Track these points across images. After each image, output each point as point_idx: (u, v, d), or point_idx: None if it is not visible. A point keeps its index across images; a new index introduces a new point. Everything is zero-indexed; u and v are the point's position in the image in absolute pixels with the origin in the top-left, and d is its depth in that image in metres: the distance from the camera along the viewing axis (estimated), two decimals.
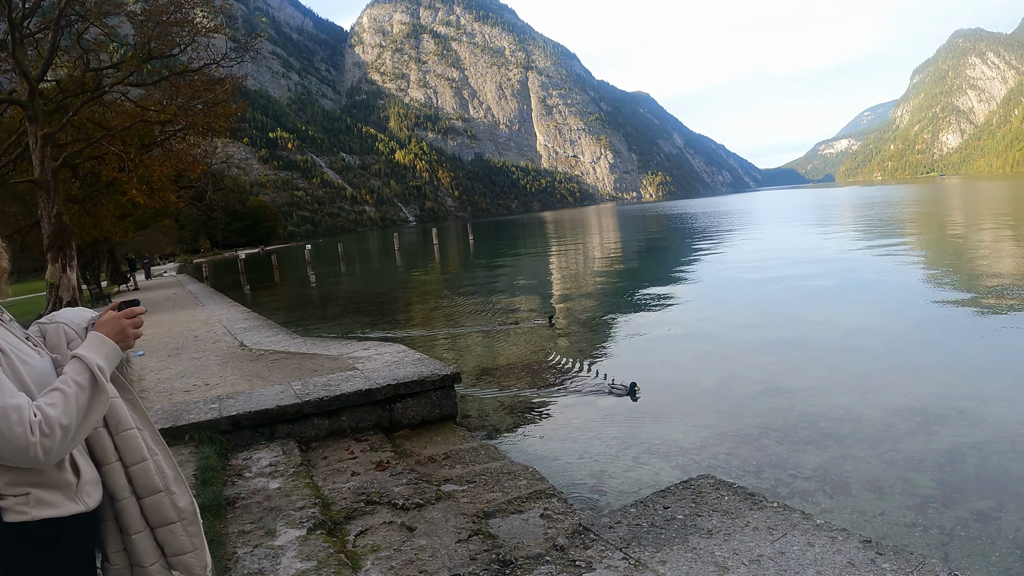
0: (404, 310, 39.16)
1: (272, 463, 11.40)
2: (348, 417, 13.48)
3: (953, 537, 10.52)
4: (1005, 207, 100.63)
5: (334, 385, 14.05)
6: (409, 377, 14.25)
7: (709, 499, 8.09)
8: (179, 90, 43.15)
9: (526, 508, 10.00)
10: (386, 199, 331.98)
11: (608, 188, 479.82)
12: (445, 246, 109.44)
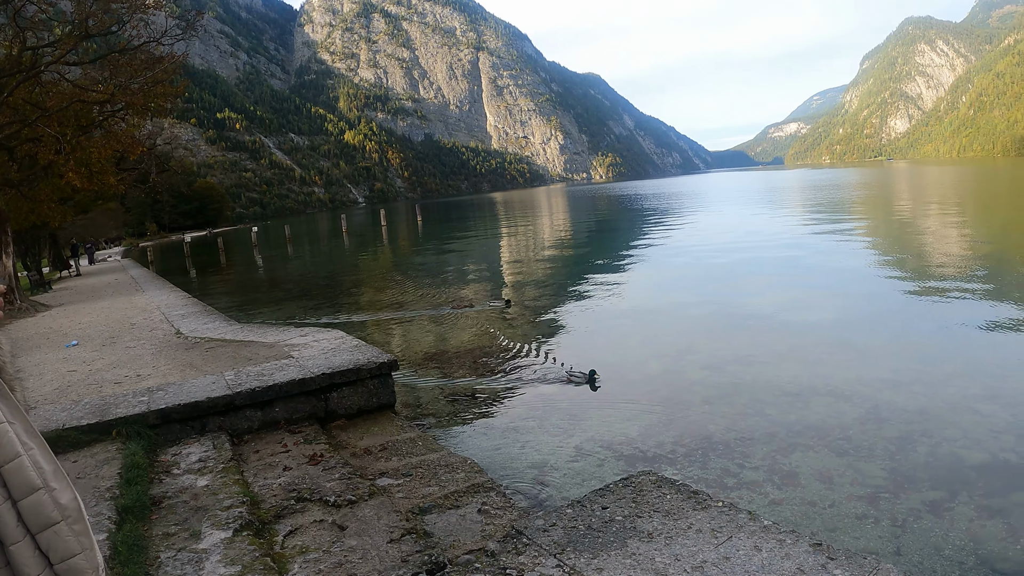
0: (351, 294, 38.43)
1: (201, 458, 10.81)
2: (282, 408, 12.87)
3: (905, 529, 10.18)
4: (950, 191, 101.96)
5: (267, 375, 13.43)
6: (345, 365, 13.67)
7: (650, 498, 7.58)
8: (118, 69, 41.88)
9: (463, 503, 9.58)
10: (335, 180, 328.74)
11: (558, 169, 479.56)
12: (394, 227, 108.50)
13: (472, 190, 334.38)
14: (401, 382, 18.39)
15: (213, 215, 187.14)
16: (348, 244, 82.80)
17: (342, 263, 62.10)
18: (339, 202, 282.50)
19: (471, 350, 22.02)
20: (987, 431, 13.25)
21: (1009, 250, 38.88)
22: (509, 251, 60.54)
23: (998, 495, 11.02)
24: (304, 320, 28.47)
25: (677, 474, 12.13)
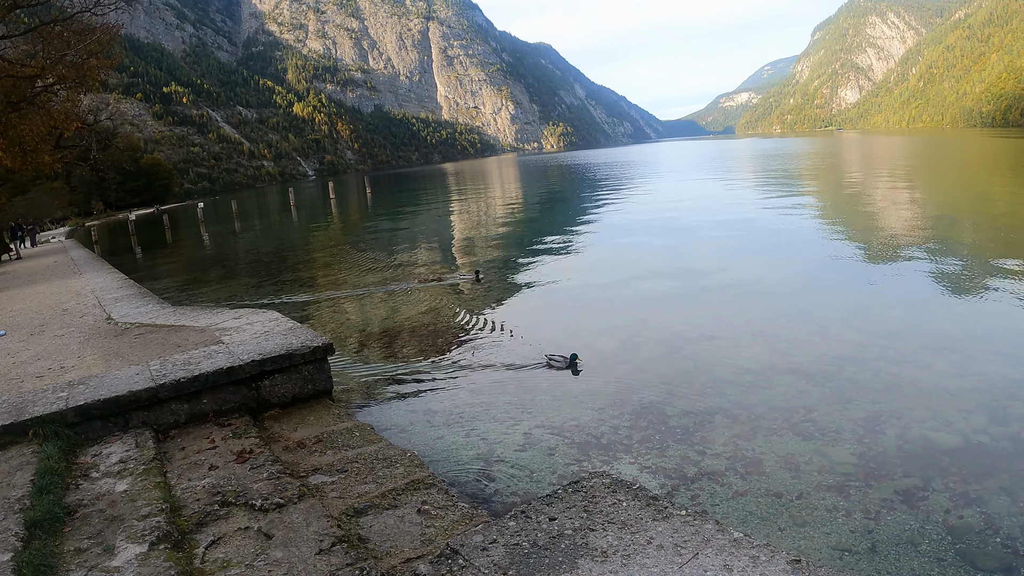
0: (298, 270, 37.26)
1: (122, 459, 9.85)
2: (210, 399, 11.85)
3: (879, 523, 9.53)
4: (900, 161, 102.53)
5: (194, 364, 12.39)
6: (276, 351, 12.69)
7: (604, 506, 6.72)
8: (50, 41, 40.24)
9: (402, 502, 8.77)
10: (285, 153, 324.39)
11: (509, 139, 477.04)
12: (343, 200, 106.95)
13: (423, 161, 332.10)
14: (344, 365, 17.57)
15: (161, 192, 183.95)
16: (297, 219, 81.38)
17: (290, 238, 60.73)
18: (289, 176, 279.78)
19: (422, 329, 21.16)
20: (957, 411, 12.65)
21: (960, 218, 38.85)
22: (462, 223, 59.55)
23: (973, 481, 10.41)
24: (244, 301, 27.41)
25: (634, 463, 11.41)
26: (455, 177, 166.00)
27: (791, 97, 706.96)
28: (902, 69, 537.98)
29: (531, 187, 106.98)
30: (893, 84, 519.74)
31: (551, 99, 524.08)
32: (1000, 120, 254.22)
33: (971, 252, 27.65)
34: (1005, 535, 9.17)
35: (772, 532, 9.42)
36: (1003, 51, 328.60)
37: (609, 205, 60.20)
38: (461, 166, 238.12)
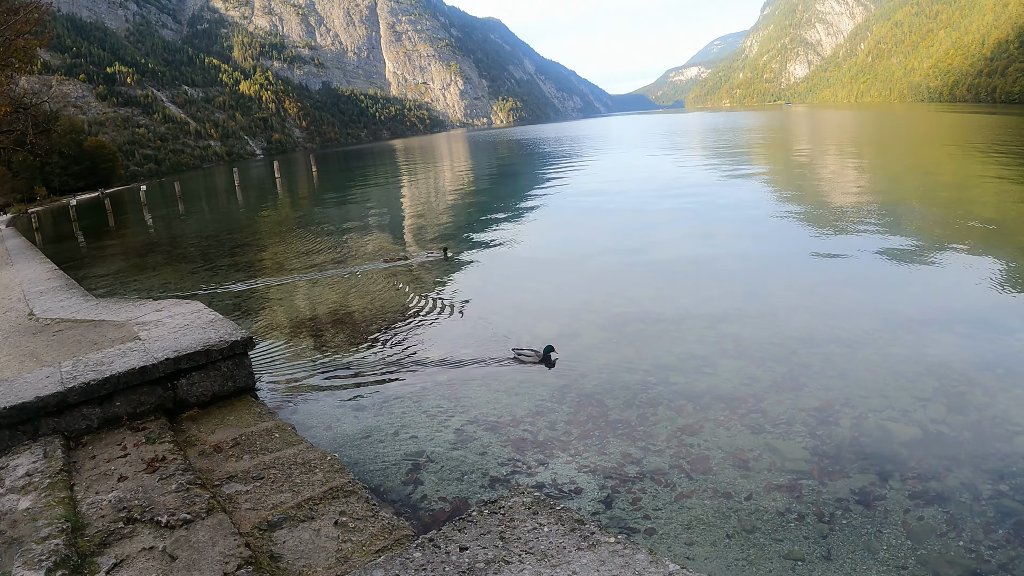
0: (239, 255, 35.86)
1: (29, 471, 9.01)
2: (123, 402, 10.90)
3: (834, 527, 8.81)
4: (848, 134, 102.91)
5: (107, 363, 11.41)
6: (193, 347, 11.72)
7: (523, 531, 5.86)
8: None
9: (319, 513, 8.00)
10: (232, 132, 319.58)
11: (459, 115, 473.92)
12: (290, 180, 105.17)
13: (372, 138, 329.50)
14: (275, 357, 16.60)
15: (105, 175, 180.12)
16: (242, 200, 79.72)
17: (235, 221, 58.97)
18: (236, 155, 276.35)
19: (367, 315, 20.08)
20: (914, 398, 11.97)
21: (909, 192, 38.59)
22: (412, 201, 58.31)
23: (933, 477, 9.73)
24: (176, 290, 26.18)
25: (571, 462, 10.60)
26: (404, 154, 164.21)
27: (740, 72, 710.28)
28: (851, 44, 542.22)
29: (481, 163, 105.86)
30: (842, 59, 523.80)
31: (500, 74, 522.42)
32: (947, 95, 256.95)
33: (921, 227, 27.27)
34: (968, 538, 8.51)
35: (719, 540, 8.68)
36: (951, 28, 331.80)
37: (558, 181, 59.30)
38: (410, 142, 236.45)
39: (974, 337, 14.90)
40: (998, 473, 9.73)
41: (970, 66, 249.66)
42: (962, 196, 35.19)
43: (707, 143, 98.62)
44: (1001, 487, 9.43)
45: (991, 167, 46.86)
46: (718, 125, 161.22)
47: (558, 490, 9.91)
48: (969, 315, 16.48)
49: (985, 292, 18.14)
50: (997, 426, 10.92)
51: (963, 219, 28.22)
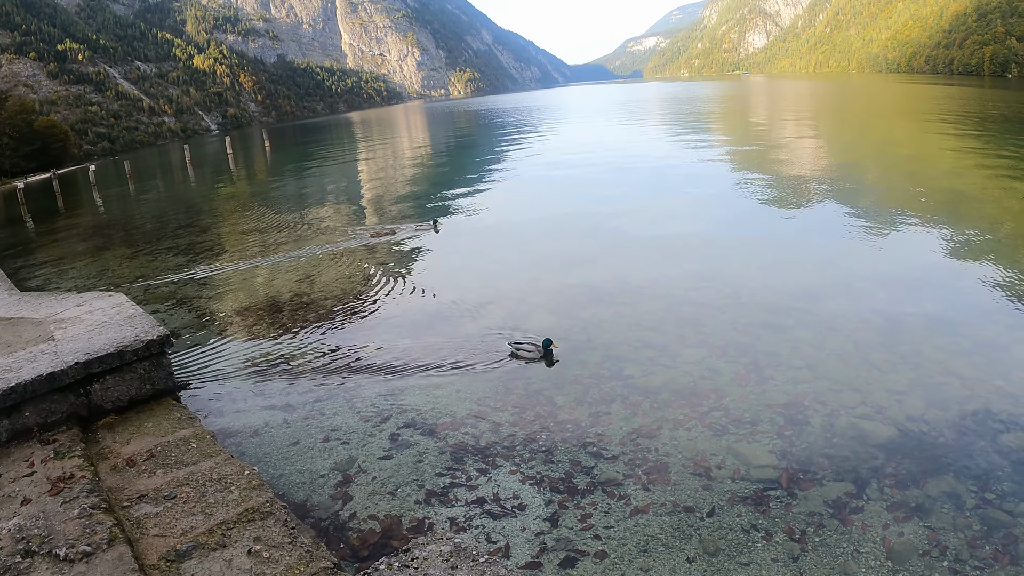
0: (182, 237, 34.17)
1: None
2: (33, 412, 9.92)
3: (806, 546, 7.96)
4: (805, 104, 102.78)
5: (16, 369, 10.36)
6: (105, 348, 10.68)
7: None
8: None
9: (232, 539, 7.26)
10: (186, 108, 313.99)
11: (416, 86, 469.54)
12: (244, 156, 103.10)
13: (328, 111, 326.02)
14: (203, 354, 15.41)
15: (58, 155, 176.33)
16: (194, 178, 77.89)
17: (184, 200, 57.19)
18: (191, 131, 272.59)
19: (303, 303, 18.86)
20: (889, 392, 11.13)
21: (869, 163, 38.22)
22: (368, 175, 56.72)
23: (913, 485, 8.91)
24: (106, 280, 24.91)
25: (515, 472, 9.70)
26: (362, 127, 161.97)
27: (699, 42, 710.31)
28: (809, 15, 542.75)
29: (440, 135, 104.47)
30: (800, 30, 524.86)
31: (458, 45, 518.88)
32: (905, 67, 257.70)
33: (883, 200, 26.66)
34: (953, 557, 7.73)
35: (679, 565, 7.80)
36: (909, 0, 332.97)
37: (517, 153, 58.27)
38: (367, 115, 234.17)
39: (948, 321, 14.12)
40: (982, 478, 8.92)
41: (928, 38, 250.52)
42: (922, 167, 34.76)
43: (666, 113, 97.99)
44: (986, 495, 8.61)
45: (949, 138, 46.54)
46: (676, 95, 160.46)
47: (500, 506, 8.96)
48: (940, 296, 15.75)
49: (954, 270, 17.48)
50: (979, 423, 10.09)
51: (925, 191, 27.65)
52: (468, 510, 8.93)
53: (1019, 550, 7.71)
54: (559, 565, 7.89)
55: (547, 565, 7.91)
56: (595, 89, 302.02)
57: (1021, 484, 8.76)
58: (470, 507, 8.97)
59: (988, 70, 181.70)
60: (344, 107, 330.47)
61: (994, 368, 11.76)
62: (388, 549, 8.12)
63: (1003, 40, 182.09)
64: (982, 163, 34.16)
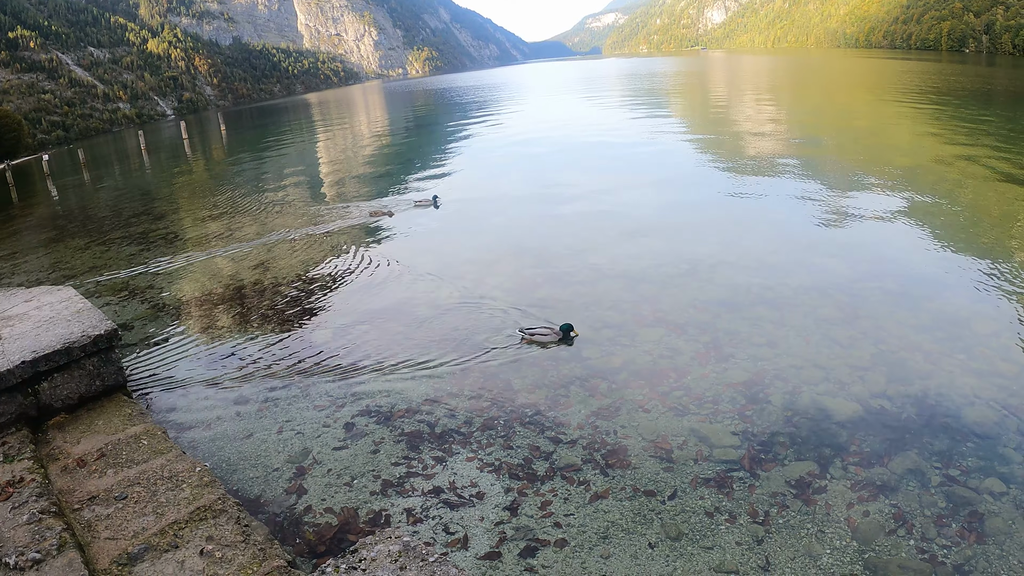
0: (135, 226, 33.37)
1: None
2: None
3: (770, 529, 7.82)
4: (764, 79, 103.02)
5: None
6: (52, 346, 10.41)
7: None
8: None
9: (184, 539, 7.19)
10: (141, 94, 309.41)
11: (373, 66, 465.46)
12: (202, 141, 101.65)
13: (285, 93, 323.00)
14: (156, 347, 14.94)
15: (11, 145, 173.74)
16: (149, 165, 76.82)
17: (140, 188, 56.19)
18: (147, 117, 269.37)
19: (257, 292, 18.35)
20: (851, 368, 11.01)
21: (828, 137, 38.29)
22: (328, 158, 55.86)
23: (877, 462, 8.79)
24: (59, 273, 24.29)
25: (473, 459, 9.50)
26: (319, 108, 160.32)
27: (658, 17, 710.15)
28: None
29: (399, 115, 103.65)
30: (759, 5, 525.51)
31: (415, 23, 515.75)
32: (863, 41, 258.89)
33: (841, 174, 26.64)
34: (920, 535, 7.62)
35: (641, 551, 7.62)
36: None
37: (474, 132, 57.79)
38: (325, 96, 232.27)
39: (910, 296, 14.03)
40: (947, 455, 8.81)
41: (886, 13, 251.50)
42: (881, 141, 34.86)
43: (624, 90, 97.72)
44: (951, 471, 8.51)
45: (907, 112, 46.72)
46: (635, 71, 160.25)
47: (457, 495, 8.74)
48: (902, 271, 15.64)
49: (915, 244, 17.44)
50: (942, 398, 9.98)
51: (884, 165, 27.66)
52: (425, 500, 8.72)
53: (986, 527, 7.60)
54: (519, 555, 7.71)
55: (507, 556, 7.72)
56: (553, 66, 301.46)
57: (986, 460, 8.66)
58: (427, 497, 8.76)
59: (946, 45, 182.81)
60: (301, 88, 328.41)
61: (956, 342, 11.66)
62: (345, 543, 7.89)
63: (960, 16, 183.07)
64: (940, 136, 34.30)
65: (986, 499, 8.00)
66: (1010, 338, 11.77)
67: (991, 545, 7.35)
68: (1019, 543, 7.35)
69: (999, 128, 35.90)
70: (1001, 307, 13.13)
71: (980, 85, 65.89)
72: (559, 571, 7.45)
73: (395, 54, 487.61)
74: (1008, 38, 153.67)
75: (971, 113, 43.38)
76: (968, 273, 15.00)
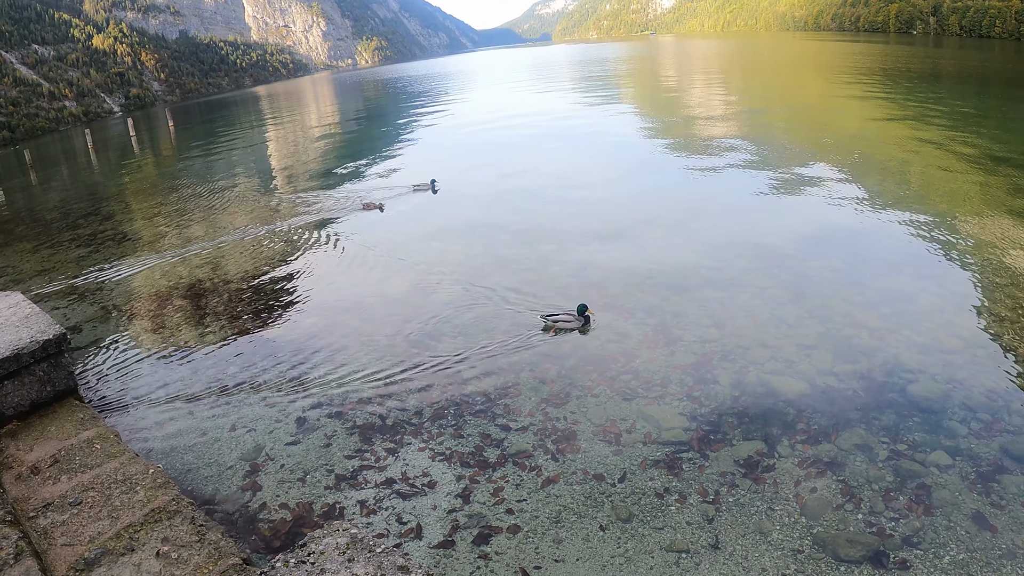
0: (83, 227, 32.90)
1: None
2: None
3: (720, 507, 7.90)
4: (713, 62, 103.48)
5: None
6: (1, 353, 10.15)
7: None
8: None
9: (140, 542, 7.14)
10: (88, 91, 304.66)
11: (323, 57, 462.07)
12: (150, 137, 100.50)
13: (234, 86, 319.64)
14: (106, 349, 14.71)
15: None
16: (97, 163, 75.83)
17: (88, 188, 55.43)
18: (94, 114, 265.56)
19: (206, 291, 18.05)
20: (798, 346, 11.08)
21: (774, 118, 38.54)
22: (278, 152, 55.34)
23: (824, 439, 8.87)
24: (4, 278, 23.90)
25: (424, 448, 9.48)
26: (269, 101, 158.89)
27: (607, 3, 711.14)
28: None
29: (350, 106, 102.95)
30: None
31: (364, 13, 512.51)
32: (812, 24, 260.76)
33: (788, 153, 26.94)
34: (868, 509, 7.70)
35: (592, 534, 7.65)
36: None
37: (425, 121, 57.52)
38: (274, 88, 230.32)
39: (855, 273, 14.17)
40: (893, 429, 8.90)
41: None
42: (828, 122, 35.14)
43: (575, 75, 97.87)
44: (898, 446, 8.60)
45: (855, 93, 47.14)
46: (586, 57, 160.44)
47: (410, 486, 8.70)
48: (847, 249, 15.77)
49: (861, 222, 17.61)
50: (888, 374, 10.08)
51: (832, 145, 27.97)
52: (378, 492, 8.69)
53: (933, 499, 7.70)
54: (472, 543, 7.71)
55: (460, 544, 7.72)
56: (504, 54, 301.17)
57: (932, 433, 8.76)
58: (380, 488, 8.72)
59: (894, 27, 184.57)
60: (250, 82, 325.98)
61: (901, 318, 11.79)
62: (301, 538, 7.84)
63: None
64: (888, 117, 34.64)
65: (933, 472, 8.10)
66: (954, 313, 11.94)
67: (939, 516, 7.45)
68: (966, 513, 7.46)
69: (946, 108, 36.34)
70: (945, 283, 13.33)
71: (928, 66, 66.75)
72: (512, 557, 7.44)
73: (344, 44, 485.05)
74: (955, 19, 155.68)
75: (918, 94, 43.95)
76: (914, 251, 15.20)
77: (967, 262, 14.36)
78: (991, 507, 7.53)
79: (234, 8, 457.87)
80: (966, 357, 10.43)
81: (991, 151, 24.77)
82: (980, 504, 7.58)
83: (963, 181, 20.72)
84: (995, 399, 9.40)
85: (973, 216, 17.54)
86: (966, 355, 10.49)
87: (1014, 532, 7.19)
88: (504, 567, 7.34)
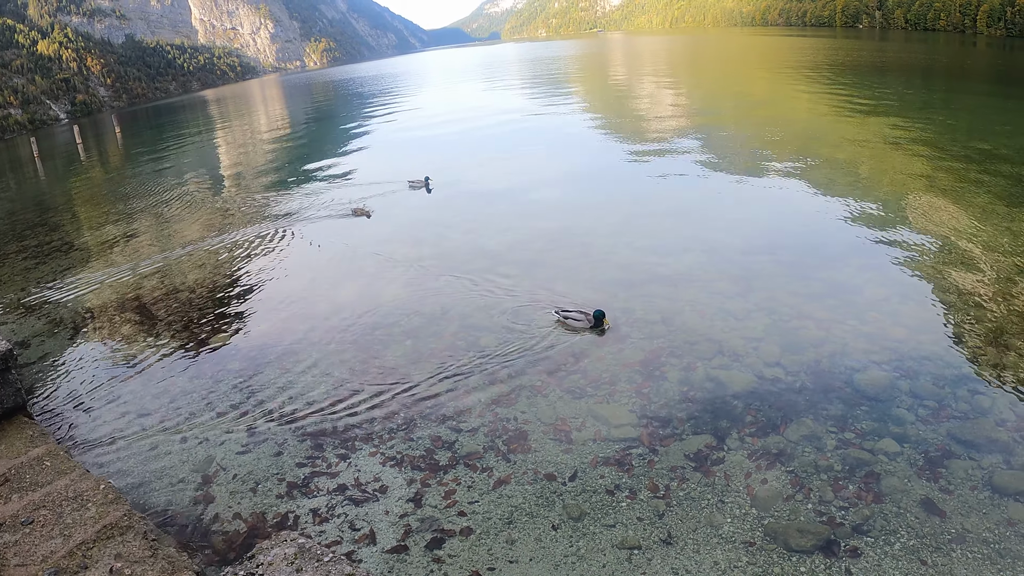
0: (30, 239, 32.35)
1: None
2: None
3: (671, 501, 7.95)
4: (661, 59, 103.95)
5: None
6: None
7: None
8: None
9: (93, 559, 7.10)
10: (33, 98, 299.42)
11: (271, 59, 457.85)
12: (97, 145, 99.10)
13: (181, 90, 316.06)
14: (55, 364, 14.43)
15: None
16: (43, 172, 74.76)
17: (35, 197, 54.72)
18: (40, 122, 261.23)
19: (155, 302, 17.68)
20: (745, 339, 11.18)
21: (722, 113, 38.74)
22: (227, 156, 54.89)
23: (773, 431, 8.95)
24: None
25: (375, 454, 9.44)
26: (217, 105, 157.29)
27: (556, 1, 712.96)
28: None
29: (299, 108, 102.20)
30: None
31: (311, 15, 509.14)
32: (759, 20, 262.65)
33: (736, 148, 27.14)
34: (817, 499, 7.76)
35: (544, 533, 7.67)
36: None
37: (374, 122, 57.18)
38: (222, 92, 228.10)
39: (802, 266, 14.34)
40: (841, 419, 8.99)
41: None
42: (775, 115, 35.48)
43: (524, 74, 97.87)
44: (846, 435, 8.68)
45: (801, 86, 47.66)
46: (536, 55, 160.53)
47: (362, 491, 8.67)
48: (794, 242, 15.98)
49: (808, 215, 17.85)
50: (835, 364, 10.19)
51: (779, 138, 28.25)
52: (331, 499, 8.63)
53: (882, 487, 7.79)
54: (426, 547, 7.68)
55: (413, 548, 7.69)
56: (453, 53, 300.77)
57: (879, 421, 8.86)
58: (332, 495, 8.67)
59: (840, 21, 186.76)
60: (198, 85, 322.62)
61: (847, 309, 11.93)
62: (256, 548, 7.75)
63: None
64: (834, 110, 35.11)
65: (881, 459, 8.19)
66: (899, 303, 12.10)
67: (888, 504, 7.54)
68: (915, 500, 7.55)
69: (892, 102, 36.90)
70: (891, 274, 13.50)
71: (874, 60, 67.53)
72: (466, 559, 7.42)
73: (292, 46, 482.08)
74: (900, 13, 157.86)
75: (865, 88, 44.39)
76: (859, 242, 15.39)
77: (912, 252, 14.55)
78: (940, 492, 7.62)
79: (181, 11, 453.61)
80: (912, 345, 10.56)
81: (936, 142, 25.17)
82: (929, 490, 7.67)
83: (908, 172, 21.00)
84: (942, 386, 9.52)
85: (918, 206, 17.80)
86: (912, 343, 10.62)
87: (963, 516, 7.28)
88: (458, 570, 7.31)
